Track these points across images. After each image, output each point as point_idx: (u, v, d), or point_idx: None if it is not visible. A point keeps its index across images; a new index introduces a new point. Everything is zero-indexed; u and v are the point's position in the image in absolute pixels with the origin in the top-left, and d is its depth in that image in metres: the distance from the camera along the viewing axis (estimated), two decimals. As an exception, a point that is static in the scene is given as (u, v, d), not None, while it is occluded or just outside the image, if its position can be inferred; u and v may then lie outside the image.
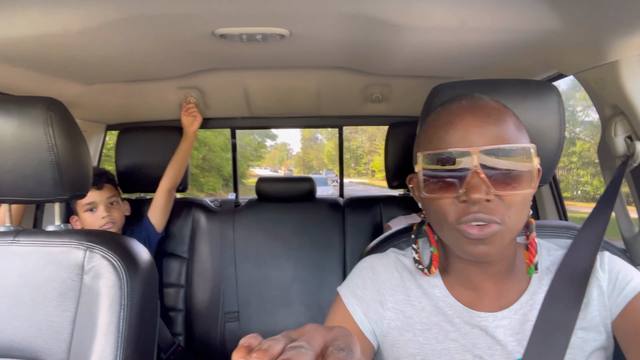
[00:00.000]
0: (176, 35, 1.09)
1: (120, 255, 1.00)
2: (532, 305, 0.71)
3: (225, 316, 1.99)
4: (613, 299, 0.69)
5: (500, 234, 0.62)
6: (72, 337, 0.97)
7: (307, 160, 21.12)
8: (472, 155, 0.61)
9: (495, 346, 0.69)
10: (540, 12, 0.88)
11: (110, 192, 1.71)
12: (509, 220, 0.62)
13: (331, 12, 0.96)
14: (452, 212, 0.64)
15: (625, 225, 1.01)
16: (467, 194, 0.61)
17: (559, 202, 1.65)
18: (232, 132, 2.33)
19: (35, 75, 1.34)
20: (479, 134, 0.62)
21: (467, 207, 0.62)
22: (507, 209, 0.62)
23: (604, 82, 0.96)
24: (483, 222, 0.61)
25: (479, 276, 0.72)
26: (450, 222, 0.64)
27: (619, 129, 0.97)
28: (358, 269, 0.80)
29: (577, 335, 0.68)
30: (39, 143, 0.96)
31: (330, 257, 2.03)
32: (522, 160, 0.63)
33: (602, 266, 0.71)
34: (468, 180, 0.61)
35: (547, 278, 0.73)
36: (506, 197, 0.62)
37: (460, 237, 0.64)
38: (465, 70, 1.37)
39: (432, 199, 0.66)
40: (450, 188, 0.63)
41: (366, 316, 0.74)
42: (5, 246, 1.02)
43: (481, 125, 0.63)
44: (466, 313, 0.72)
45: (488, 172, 0.61)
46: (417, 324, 0.73)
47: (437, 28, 1.00)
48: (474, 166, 0.61)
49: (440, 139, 0.65)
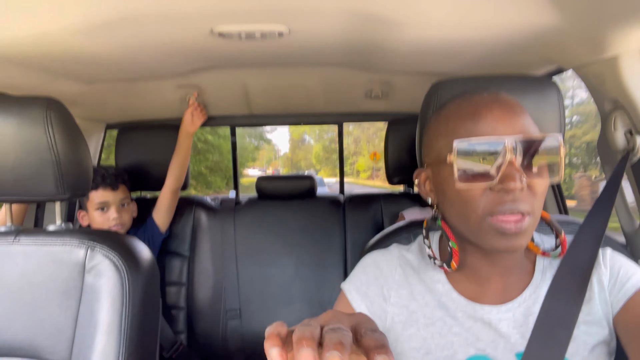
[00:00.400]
0: (175, 34, 1.09)
1: (121, 254, 1.00)
2: (536, 298, 0.71)
3: (227, 314, 1.99)
4: (614, 294, 0.69)
5: (530, 225, 0.64)
6: (74, 336, 0.97)
7: (295, 160, 21.78)
8: (506, 144, 0.61)
9: (499, 339, 0.70)
10: (539, 6, 0.88)
11: (124, 194, 1.71)
12: (536, 210, 0.64)
13: (330, 9, 0.96)
14: (483, 203, 0.63)
15: (626, 220, 1.01)
16: (502, 182, 0.61)
17: (559, 197, 1.65)
18: (231, 130, 2.33)
19: (34, 75, 1.34)
20: (508, 125, 0.63)
21: (501, 197, 0.62)
22: (535, 199, 0.63)
23: (603, 76, 0.96)
24: (518, 212, 0.62)
25: (488, 270, 0.73)
26: (480, 214, 0.64)
27: (619, 123, 0.97)
28: (361, 265, 0.81)
29: (580, 329, 0.69)
30: (39, 142, 0.96)
31: (331, 255, 2.04)
32: (551, 151, 0.64)
33: (604, 262, 0.72)
34: (503, 169, 0.61)
35: (550, 272, 0.74)
36: (535, 186, 0.63)
37: (491, 230, 0.63)
38: (464, 66, 1.37)
39: (463, 190, 0.65)
40: (484, 177, 0.63)
41: (370, 312, 0.75)
42: (6, 246, 1.02)
43: (509, 117, 0.64)
44: (470, 307, 0.72)
45: (520, 162, 0.62)
46: (421, 318, 0.73)
47: (436, 24, 1.00)
48: (509, 155, 0.61)
49: (468, 130, 0.65)
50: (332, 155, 18.35)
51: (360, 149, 17.37)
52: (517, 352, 0.69)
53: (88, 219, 1.68)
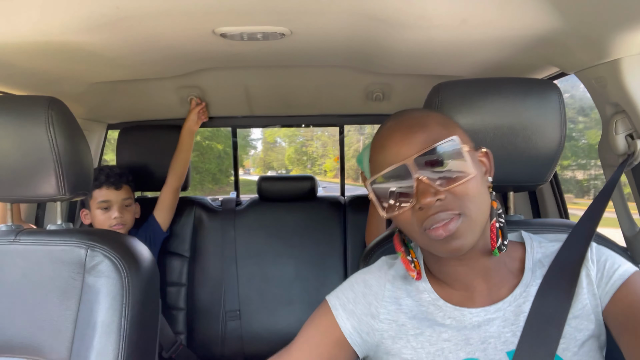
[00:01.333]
0: (176, 35, 1.09)
1: (121, 254, 1.00)
2: (527, 297, 0.71)
3: (226, 315, 1.99)
4: (602, 287, 0.70)
5: (465, 225, 0.65)
6: (74, 335, 0.97)
7: (268, 161, 23.31)
8: (408, 166, 0.65)
9: (489, 339, 0.70)
10: (541, 9, 0.88)
11: (127, 194, 1.71)
12: (469, 210, 0.65)
13: (332, 11, 0.96)
14: (414, 221, 0.67)
15: (627, 224, 1.01)
16: (419, 200, 0.64)
17: (560, 201, 1.65)
18: (233, 131, 2.33)
19: (35, 74, 1.34)
20: (407, 146, 0.66)
21: (425, 213, 0.65)
22: (462, 201, 0.65)
23: (605, 80, 0.96)
24: (444, 220, 0.64)
25: (468, 274, 0.73)
26: (418, 230, 0.67)
27: (620, 127, 0.97)
28: (350, 282, 0.81)
29: (570, 324, 0.69)
30: (40, 142, 0.96)
31: (332, 256, 2.04)
32: (452, 152, 0.66)
33: (591, 256, 0.73)
34: (415, 189, 0.64)
35: (540, 271, 0.74)
36: (456, 189, 0.65)
37: (430, 241, 0.66)
38: (466, 68, 1.37)
39: (394, 217, 0.69)
40: (404, 201, 0.66)
41: (356, 330, 0.75)
42: (7, 245, 1.02)
43: (407, 137, 0.67)
44: (457, 312, 0.73)
45: (430, 175, 0.65)
46: (410, 330, 0.74)
47: (438, 26, 1.00)
48: (414, 175, 0.64)
49: (380, 163, 0.69)
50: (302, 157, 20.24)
51: (327, 152, 19.38)
52: (508, 350, 0.69)
53: (90, 217, 1.69)
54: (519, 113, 0.88)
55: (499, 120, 0.88)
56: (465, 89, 0.89)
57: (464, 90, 0.89)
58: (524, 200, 1.78)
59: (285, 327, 1.98)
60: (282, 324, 1.99)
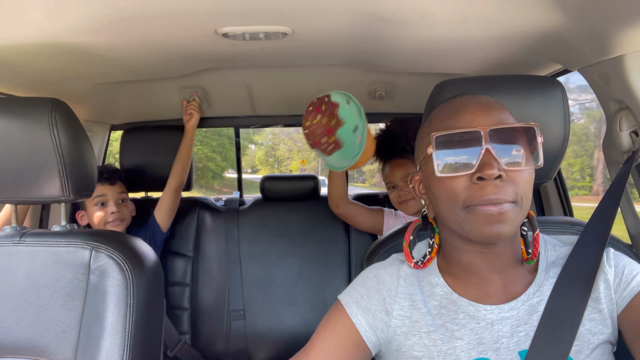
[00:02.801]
0: (179, 35, 1.09)
1: (126, 255, 1.00)
2: (540, 297, 0.71)
3: (230, 314, 1.99)
4: (619, 292, 0.69)
5: (514, 213, 0.65)
6: (79, 336, 0.98)
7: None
8: (482, 134, 0.64)
9: (501, 339, 0.69)
10: (544, 6, 0.88)
11: (122, 189, 1.72)
12: (521, 201, 0.65)
13: (334, 10, 0.95)
14: (464, 193, 0.65)
15: (632, 221, 1.00)
16: (480, 170, 0.63)
17: (564, 198, 1.65)
18: (236, 131, 2.33)
19: (39, 76, 1.35)
20: (485, 117, 0.67)
21: (480, 189, 0.64)
22: (517, 188, 0.65)
23: (608, 76, 0.96)
24: (498, 199, 0.63)
25: (485, 268, 0.72)
26: (462, 204, 0.66)
27: (624, 124, 0.96)
28: (361, 278, 0.80)
29: (585, 327, 0.68)
30: (44, 144, 0.96)
31: (336, 255, 2.04)
32: (528, 138, 0.66)
33: (608, 261, 0.72)
34: (480, 158, 0.64)
35: (554, 271, 0.73)
36: (515, 174, 0.65)
37: (474, 218, 0.65)
38: (469, 66, 1.37)
39: (445, 180, 0.67)
40: (463, 168, 0.65)
41: (371, 327, 0.74)
42: (11, 247, 1.03)
43: (486, 110, 0.67)
44: (471, 307, 0.72)
45: (497, 151, 0.64)
46: (423, 327, 0.73)
47: (441, 23, 1.00)
48: (484, 144, 0.64)
49: (448, 126, 0.68)
50: (269, 158, 22.51)
51: (292, 155, 21.48)
52: (520, 350, 0.69)
53: (88, 217, 1.69)
54: (523, 111, 0.87)
55: None
56: (468, 87, 0.89)
57: (467, 88, 0.89)
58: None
59: (289, 327, 1.98)
60: (286, 323, 1.99)
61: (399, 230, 0.96)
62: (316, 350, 0.72)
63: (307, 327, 1.96)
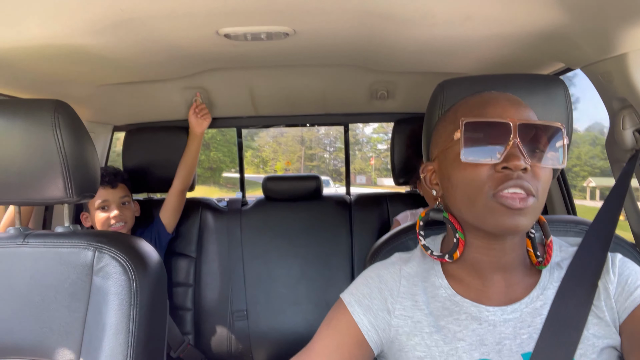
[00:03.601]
0: (181, 36, 1.10)
1: (129, 256, 1.00)
2: (544, 300, 0.71)
3: (233, 315, 2.00)
4: (621, 302, 0.68)
5: (534, 208, 0.65)
6: (83, 337, 0.98)
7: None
8: (511, 126, 0.65)
9: (504, 341, 0.69)
10: (546, 4, 0.88)
11: (124, 192, 1.72)
12: (541, 194, 0.66)
13: (335, 10, 0.95)
14: (488, 181, 0.65)
15: (635, 220, 1.00)
16: (507, 160, 0.64)
17: (567, 197, 1.64)
18: (238, 132, 2.33)
19: (41, 78, 1.35)
20: (515, 111, 0.67)
21: (505, 177, 0.64)
22: (537, 183, 0.65)
23: (611, 75, 0.95)
24: (522, 191, 0.64)
25: (489, 267, 0.72)
26: (485, 192, 0.65)
27: (627, 122, 0.96)
28: (363, 277, 0.79)
29: (590, 331, 0.68)
30: (47, 145, 0.96)
31: (338, 255, 2.03)
32: (554, 138, 0.67)
33: (613, 269, 0.71)
34: (508, 149, 0.64)
35: (558, 273, 0.73)
36: (539, 170, 0.66)
37: (496, 208, 0.65)
38: (471, 65, 1.37)
39: (467, 168, 0.67)
40: (489, 156, 0.66)
41: (373, 326, 0.74)
42: (15, 248, 1.03)
43: (515, 107, 0.68)
44: (474, 308, 0.71)
45: (524, 145, 0.65)
46: (425, 327, 0.73)
47: (442, 23, 1.00)
48: (513, 137, 0.65)
49: (478, 115, 0.68)
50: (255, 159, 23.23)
51: (277, 156, 21.83)
52: (523, 352, 0.68)
53: (91, 220, 1.70)
54: None
55: None
56: (470, 86, 0.89)
57: (469, 87, 0.89)
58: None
59: (292, 327, 1.98)
60: (289, 323, 1.99)
61: (401, 230, 0.96)
62: (318, 349, 0.72)
63: (309, 327, 1.96)
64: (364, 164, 20.94)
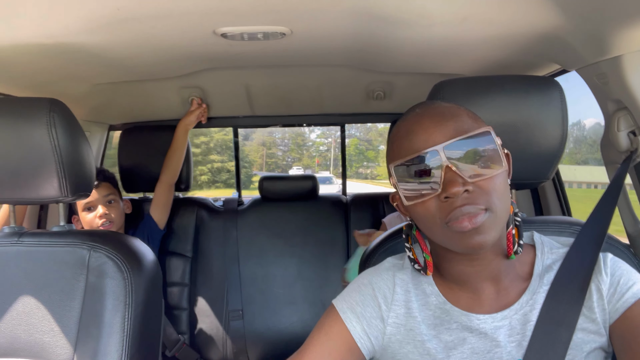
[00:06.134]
0: (177, 35, 1.09)
1: (124, 255, 1.00)
2: (533, 305, 0.70)
3: (229, 314, 2.00)
4: (613, 303, 0.68)
5: (490, 221, 0.63)
6: (78, 336, 0.98)
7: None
8: (439, 152, 0.63)
9: (495, 349, 0.69)
10: (542, 6, 0.88)
11: (108, 191, 1.69)
12: (495, 206, 0.64)
13: (332, 10, 0.96)
14: (438, 213, 0.65)
15: (629, 221, 1.01)
16: (445, 190, 0.62)
17: (562, 198, 1.65)
18: (234, 131, 2.33)
19: (37, 76, 1.35)
20: (439, 133, 0.65)
21: (451, 204, 0.63)
22: (489, 196, 0.63)
23: (606, 77, 0.96)
24: (471, 214, 0.62)
25: (476, 277, 0.72)
26: (439, 223, 0.65)
27: (622, 124, 0.96)
28: (357, 284, 0.79)
29: (577, 335, 0.68)
30: (42, 144, 0.96)
31: (334, 255, 2.04)
32: (485, 144, 0.65)
33: (605, 269, 0.70)
34: (443, 177, 0.63)
35: (548, 277, 0.72)
36: (483, 183, 0.63)
37: (453, 234, 0.64)
38: (467, 66, 1.37)
39: (416, 206, 0.67)
40: (429, 190, 0.65)
41: (366, 333, 0.73)
42: (10, 247, 1.03)
43: (439, 124, 0.66)
44: (464, 317, 0.71)
45: (459, 165, 0.63)
46: (418, 335, 0.73)
47: (439, 24, 1.00)
48: (444, 162, 0.63)
49: (405, 148, 0.67)
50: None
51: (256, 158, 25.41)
52: (515, 359, 0.68)
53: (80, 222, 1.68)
54: (521, 111, 0.88)
55: (500, 118, 0.87)
56: (466, 87, 0.89)
57: (465, 88, 0.89)
58: (526, 197, 1.78)
59: (287, 327, 1.99)
60: (284, 323, 1.99)
61: (396, 231, 0.96)
62: (310, 354, 0.72)
63: (305, 327, 1.97)
64: (309, 161, 25.57)
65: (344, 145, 2.43)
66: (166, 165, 1.86)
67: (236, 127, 2.30)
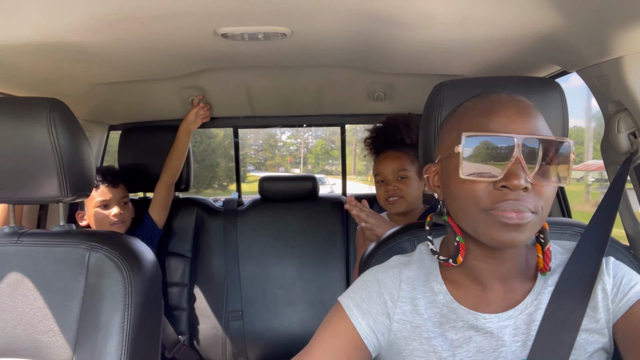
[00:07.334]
0: (178, 35, 1.09)
1: (124, 255, 1.00)
2: (538, 305, 0.71)
3: (229, 315, 1.99)
4: (616, 302, 0.69)
5: (532, 224, 0.63)
6: (77, 336, 0.97)
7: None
8: (515, 142, 0.62)
9: (500, 348, 0.69)
10: (542, 8, 0.88)
11: (124, 192, 1.74)
12: (541, 212, 0.64)
13: (333, 10, 0.96)
14: (485, 197, 0.63)
15: (630, 222, 1.00)
16: (507, 179, 0.62)
17: (562, 200, 1.65)
18: (234, 132, 2.33)
19: (37, 76, 1.35)
20: (520, 124, 0.64)
21: (504, 195, 0.62)
22: (539, 200, 0.63)
23: (607, 78, 0.96)
24: (519, 210, 0.62)
25: (488, 275, 0.72)
26: (481, 207, 0.64)
27: (623, 125, 0.96)
28: (362, 281, 0.78)
29: (581, 336, 0.68)
30: (42, 143, 0.96)
31: (334, 256, 2.04)
32: (559, 153, 0.64)
33: (607, 270, 0.72)
34: (509, 167, 0.62)
35: (552, 278, 0.73)
36: (541, 187, 0.63)
37: (492, 222, 0.63)
38: (468, 67, 1.37)
39: (467, 183, 0.65)
40: (489, 173, 0.63)
41: (372, 330, 0.73)
42: (9, 246, 1.03)
43: (523, 116, 0.64)
44: (471, 316, 0.71)
45: (527, 161, 0.62)
46: (424, 332, 0.72)
47: (439, 25, 1.00)
48: (516, 153, 0.61)
49: (481, 126, 0.65)
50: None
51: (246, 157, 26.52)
52: (520, 359, 0.69)
53: (88, 218, 1.69)
54: None
55: None
56: (467, 88, 0.89)
57: (466, 89, 0.89)
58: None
59: (287, 327, 1.98)
60: (284, 324, 1.99)
61: (397, 231, 0.96)
62: (316, 352, 0.72)
63: (305, 327, 1.96)
64: (281, 159, 27.44)
65: (344, 146, 2.43)
66: (167, 165, 1.86)
67: (236, 127, 2.30)
